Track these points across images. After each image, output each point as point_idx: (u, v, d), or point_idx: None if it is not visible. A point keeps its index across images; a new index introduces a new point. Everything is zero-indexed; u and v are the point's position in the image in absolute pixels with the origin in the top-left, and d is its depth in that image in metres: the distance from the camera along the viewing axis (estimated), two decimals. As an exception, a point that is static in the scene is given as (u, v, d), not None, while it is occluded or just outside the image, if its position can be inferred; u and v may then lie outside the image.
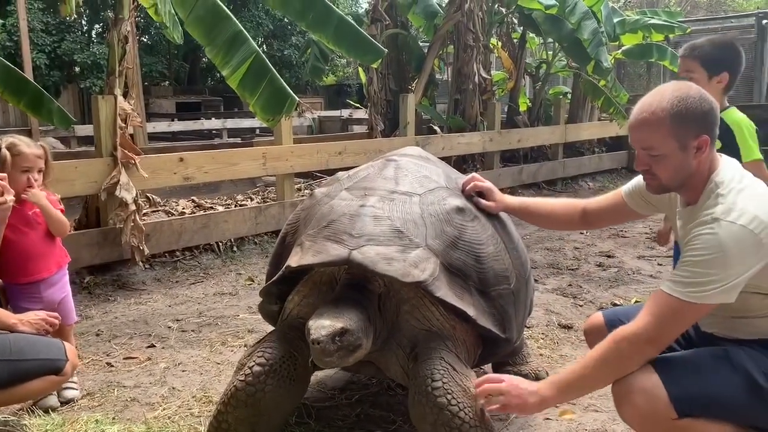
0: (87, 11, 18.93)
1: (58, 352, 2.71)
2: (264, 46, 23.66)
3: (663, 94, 2.00)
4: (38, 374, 2.65)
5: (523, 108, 10.68)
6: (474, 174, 2.71)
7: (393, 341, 2.32)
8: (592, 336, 2.27)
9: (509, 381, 2.05)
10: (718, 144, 2.58)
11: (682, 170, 2.02)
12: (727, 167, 2.06)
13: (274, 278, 2.47)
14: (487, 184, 2.64)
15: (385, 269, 2.16)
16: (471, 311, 2.25)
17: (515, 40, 10.32)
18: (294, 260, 2.30)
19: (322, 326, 2.02)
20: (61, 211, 3.12)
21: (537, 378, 3.13)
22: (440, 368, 2.11)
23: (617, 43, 10.50)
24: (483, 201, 2.60)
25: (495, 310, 2.38)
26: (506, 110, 10.38)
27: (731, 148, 2.77)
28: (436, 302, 2.28)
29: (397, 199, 2.40)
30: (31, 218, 3.00)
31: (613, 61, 10.08)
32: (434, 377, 2.09)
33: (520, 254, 2.66)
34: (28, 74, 9.40)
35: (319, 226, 2.35)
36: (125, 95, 5.15)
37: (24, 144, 2.95)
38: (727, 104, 2.96)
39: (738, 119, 2.88)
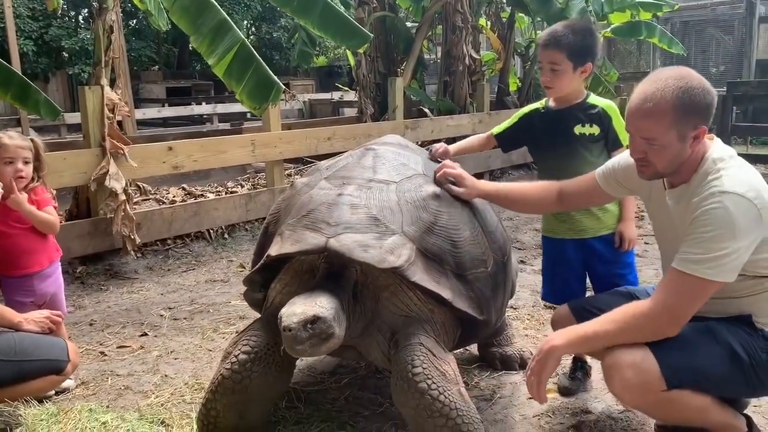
0: (74, -4, 18.76)
1: (60, 353, 2.77)
2: (253, 29, 23.52)
3: (666, 84, 2.00)
4: (40, 374, 2.72)
5: (513, 88, 10.70)
6: (445, 161, 2.70)
7: (373, 327, 2.38)
8: (559, 327, 2.33)
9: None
10: (624, 135, 2.65)
11: (678, 158, 2.07)
12: (719, 145, 2.11)
13: (256, 267, 2.53)
14: (458, 170, 2.62)
15: (361, 256, 2.21)
16: (447, 294, 2.31)
17: (504, 20, 10.29)
18: (274, 249, 2.35)
19: (293, 313, 2.05)
20: (54, 208, 3.16)
21: (521, 359, 3.21)
22: (420, 354, 2.17)
23: (606, 21, 10.49)
24: (455, 188, 2.58)
25: (472, 293, 2.43)
26: (496, 91, 10.38)
27: (608, 133, 2.79)
28: (414, 287, 2.33)
29: (374, 187, 2.45)
30: (23, 216, 3.05)
31: (602, 39, 10.09)
32: (414, 363, 2.15)
33: (497, 238, 2.71)
34: (15, 62, 9.36)
35: (299, 216, 2.40)
36: (112, 84, 5.16)
37: (6, 137, 3.00)
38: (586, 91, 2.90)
39: (610, 104, 2.84)
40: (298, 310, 2.07)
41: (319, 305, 2.10)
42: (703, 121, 2.02)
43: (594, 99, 2.85)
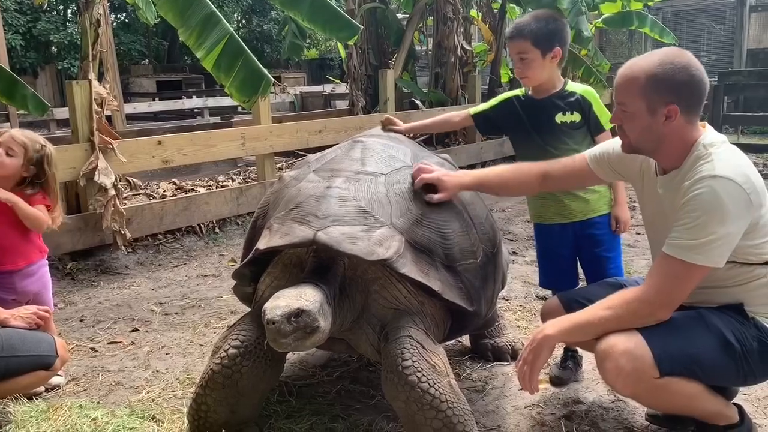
0: (61, -10, 18.60)
1: (48, 348, 2.75)
2: (243, 21, 23.40)
3: (650, 56, 2.05)
4: (29, 370, 2.71)
5: (504, 79, 10.68)
6: (419, 164, 2.55)
7: (363, 321, 2.37)
8: (549, 318, 2.31)
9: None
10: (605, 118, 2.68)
11: (650, 134, 2.07)
12: (710, 131, 2.11)
13: (245, 261, 2.51)
14: (434, 174, 2.48)
15: (349, 248, 2.20)
16: (436, 286, 2.30)
17: (495, 11, 10.26)
18: (262, 243, 2.34)
19: (277, 306, 2.03)
20: (48, 207, 3.11)
21: (513, 350, 3.21)
22: (409, 347, 2.17)
23: (597, 12, 10.48)
24: (434, 196, 2.47)
25: (462, 284, 2.43)
26: (488, 82, 10.37)
27: (589, 118, 2.80)
28: (403, 279, 2.32)
29: (362, 179, 2.44)
30: (7, 209, 3.00)
31: (593, 30, 10.08)
32: (404, 356, 2.15)
33: (487, 229, 2.71)
34: (3, 56, 9.25)
35: (287, 209, 2.38)
36: (101, 79, 5.12)
37: (17, 130, 3.04)
38: (563, 78, 2.90)
39: (588, 89, 2.86)
40: (282, 303, 2.05)
41: (304, 298, 2.08)
42: (676, 99, 2.01)
43: (572, 86, 2.86)
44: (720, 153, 2.01)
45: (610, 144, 2.42)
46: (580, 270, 3.03)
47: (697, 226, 1.95)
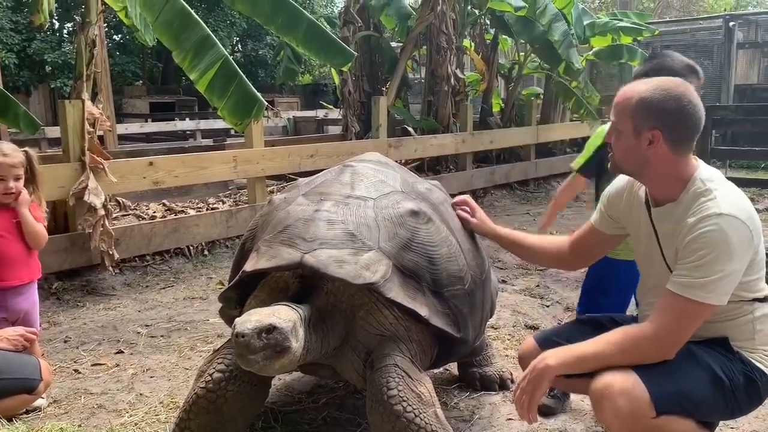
0: (58, 9, 18.66)
1: (33, 371, 2.72)
2: (239, 45, 23.56)
3: (650, 81, 2.08)
4: (12, 393, 2.67)
5: (496, 109, 10.80)
6: (465, 198, 2.83)
7: (348, 347, 2.35)
8: (527, 361, 2.27)
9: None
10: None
11: (632, 154, 2.08)
12: (705, 166, 2.13)
13: (231, 283, 2.50)
14: (473, 203, 2.78)
15: (336, 272, 2.19)
16: (423, 311, 2.29)
17: (488, 42, 10.41)
18: (249, 265, 2.33)
19: (248, 320, 2.01)
20: (44, 227, 3.14)
21: (501, 379, 3.20)
22: (395, 376, 2.15)
23: (588, 45, 10.65)
24: (469, 217, 2.71)
25: (449, 311, 2.42)
26: (479, 111, 10.47)
27: None
28: (390, 305, 2.31)
29: (351, 203, 2.44)
30: (15, 225, 3.01)
31: (584, 63, 10.23)
32: (389, 385, 2.13)
33: (476, 257, 2.71)
34: (-3, 75, 9.27)
35: (275, 231, 2.38)
36: (94, 99, 5.12)
37: (0, 155, 2.96)
38: None
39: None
40: (253, 318, 2.02)
41: (277, 316, 2.06)
42: (660, 125, 2.02)
43: None
44: (721, 190, 2.03)
45: (602, 196, 2.45)
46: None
47: (704, 265, 1.95)
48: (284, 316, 2.08)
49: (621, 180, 2.37)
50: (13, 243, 3.03)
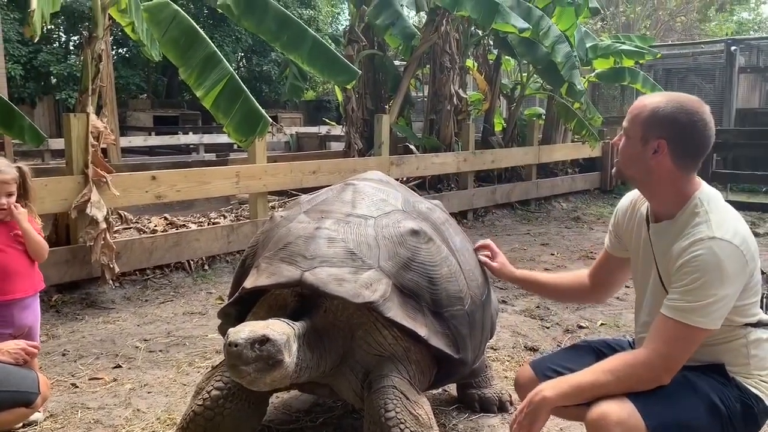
0: (64, 22, 18.85)
1: (31, 385, 2.71)
2: (243, 61, 23.74)
3: (665, 94, 2.10)
4: (10, 406, 2.65)
5: (498, 128, 10.84)
6: (488, 242, 2.83)
7: (346, 366, 2.35)
8: (524, 389, 2.26)
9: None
10: None
11: (637, 162, 2.10)
12: (706, 186, 2.13)
13: (230, 300, 2.50)
14: (495, 248, 2.78)
15: (335, 290, 2.19)
16: (422, 331, 2.29)
17: (491, 62, 10.48)
18: (249, 282, 2.34)
19: (242, 330, 2.00)
20: (43, 237, 3.15)
21: (500, 401, 3.18)
22: (393, 398, 2.15)
23: (590, 67, 10.72)
24: (489, 261, 2.73)
25: (449, 331, 2.42)
26: (481, 131, 10.52)
27: None
28: (389, 325, 2.31)
29: (352, 221, 2.45)
30: (13, 238, 3.02)
31: (586, 84, 10.29)
32: (387, 407, 2.12)
33: (476, 277, 2.71)
34: (2, 86, 9.33)
35: (276, 249, 2.39)
36: (98, 112, 5.15)
37: None
38: None
39: None
40: (247, 328, 2.02)
41: (271, 328, 2.05)
42: (668, 136, 2.04)
43: None
44: (716, 213, 2.03)
45: (613, 215, 2.46)
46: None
47: (696, 289, 1.94)
48: (278, 329, 2.08)
49: (627, 197, 2.38)
50: (15, 256, 3.03)
